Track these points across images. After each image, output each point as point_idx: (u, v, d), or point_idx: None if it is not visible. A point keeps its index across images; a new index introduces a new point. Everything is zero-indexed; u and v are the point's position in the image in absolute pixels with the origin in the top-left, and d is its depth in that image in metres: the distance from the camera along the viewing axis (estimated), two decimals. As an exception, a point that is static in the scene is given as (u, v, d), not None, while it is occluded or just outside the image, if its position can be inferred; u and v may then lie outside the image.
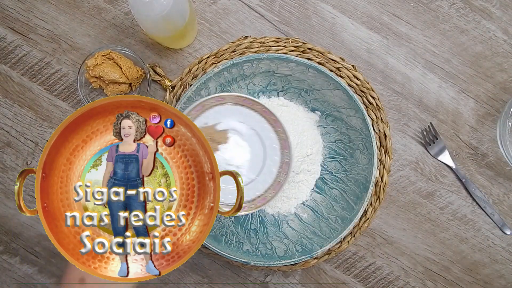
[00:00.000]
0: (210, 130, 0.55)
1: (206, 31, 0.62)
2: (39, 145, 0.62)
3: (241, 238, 0.59)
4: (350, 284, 0.62)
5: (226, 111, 0.55)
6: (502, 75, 0.62)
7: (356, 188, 0.58)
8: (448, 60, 0.62)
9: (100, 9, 0.62)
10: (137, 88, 0.61)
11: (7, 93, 0.62)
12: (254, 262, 0.55)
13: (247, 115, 0.56)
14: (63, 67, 0.62)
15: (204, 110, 0.55)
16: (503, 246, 0.61)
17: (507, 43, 0.61)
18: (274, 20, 0.62)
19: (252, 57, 0.55)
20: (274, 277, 0.62)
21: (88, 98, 0.60)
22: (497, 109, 0.61)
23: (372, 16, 0.62)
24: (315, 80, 0.57)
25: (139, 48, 0.62)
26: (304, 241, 0.58)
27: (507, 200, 0.61)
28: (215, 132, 0.56)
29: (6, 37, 0.61)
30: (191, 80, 0.60)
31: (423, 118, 0.62)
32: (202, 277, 0.62)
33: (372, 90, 0.60)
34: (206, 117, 0.56)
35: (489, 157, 0.62)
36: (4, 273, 0.62)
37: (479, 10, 0.61)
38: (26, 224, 0.62)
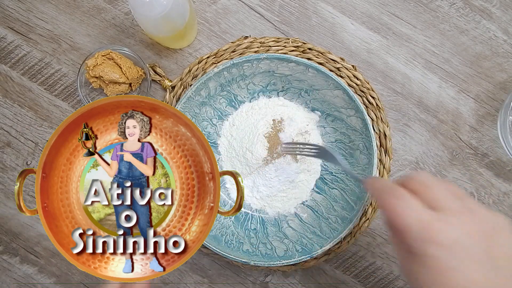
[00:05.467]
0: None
1: (206, 31, 0.62)
2: (39, 145, 0.62)
3: (241, 238, 0.59)
4: (350, 284, 0.62)
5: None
6: (502, 75, 0.62)
7: (356, 188, 0.58)
8: (448, 60, 0.62)
9: (100, 9, 0.62)
10: (137, 88, 0.61)
11: (7, 93, 0.62)
12: (254, 262, 0.55)
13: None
14: (63, 67, 0.62)
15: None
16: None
17: (507, 43, 0.61)
18: (274, 20, 0.62)
19: (252, 57, 0.55)
20: (274, 277, 0.62)
21: (88, 98, 0.60)
22: (497, 109, 0.61)
23: (372, 16, 0.62)
24: (315, 80, 0.57)
25: (139, 48, 0.62)
26: (304, 241, 0.58)
27: (507, 200, 0.61)
28: None
29: (6, 37, 0.61)
30: (191, 80, 0.60)
31: (423, 118, 0.62)
32: (202, 277, 0.62)
33: (372, 90, 0.60)
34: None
35: (489, 157, 0.62)
36: (4, 273, 0.62)
37: (479, 10, 0.61)
38: (26, 224, 0.62)
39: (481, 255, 0.34)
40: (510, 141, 0.58)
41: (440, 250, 0.34)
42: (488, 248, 0.35)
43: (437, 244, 0.34)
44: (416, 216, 0.35)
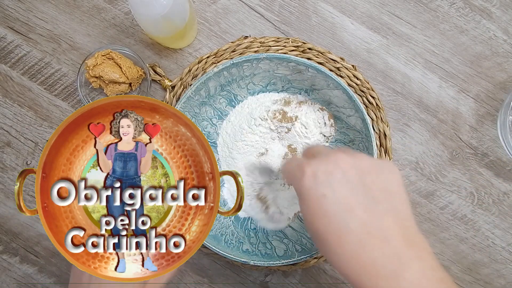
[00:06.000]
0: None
1: (206, 31, 0.62)
2: (39, 145, 0.62)
3: (240, 238, 0.59)
4: (350, 284, 0.62)
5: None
6: (502, 75, 0.62)
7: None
8: (448, 60, 0.62)
9: (100, 9, 0.62)
10: (137, 88, 0.61)
11: (7, 93, 0.62)
12: (254, 262, 0.55)
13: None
14: (63, 67, 0.61)
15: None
16: (503, 246, 0.61)
17: (507, 43, 0.61)
18: (274, 20, 0.62)
19: (252, 57, 0.55)
20: (274, 277, 0.62)
21: (88, 98, 0.60)
22: (497, 108, 0.61)
23: (372, 16, 0.62)
24: (315, 80, 0.57)
25: (139, 48, 0.62)
26: (304, 240, 0.58)
27: (507, 200, 0.61)
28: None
29: (6, 37, 0.61)
30: (191, 80, 0.60)
31: (423, 118, 0.62)
32: (202, 277, 0.62)
33: (372, 90, 0.60)
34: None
35: (489, 156, 0.62)
36: (4, 273, 0.62)
37: (479, 10, 0.61)
38: (26, 224, 0.62)
39: (354, 184, 0.36)
40: (510, 141, 0.58)
41: (311, 181, 0.36)
42: (363, 180, 0.36)
43: (308, 176, 0.36)
44: (296, 162, 0.39)
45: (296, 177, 0.38)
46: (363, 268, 0.34)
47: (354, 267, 0.35)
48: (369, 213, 0.35)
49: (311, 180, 0.36)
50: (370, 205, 0.35)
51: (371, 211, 0.35)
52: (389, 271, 0.33)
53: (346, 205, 0.35)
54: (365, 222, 0.35)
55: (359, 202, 0.35)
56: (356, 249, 0.34)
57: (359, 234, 0.34)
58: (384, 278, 0.34)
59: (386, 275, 0.34)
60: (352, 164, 0.37)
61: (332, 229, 0.35)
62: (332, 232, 0.35)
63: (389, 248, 0.34)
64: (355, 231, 0.34)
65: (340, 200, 0.35)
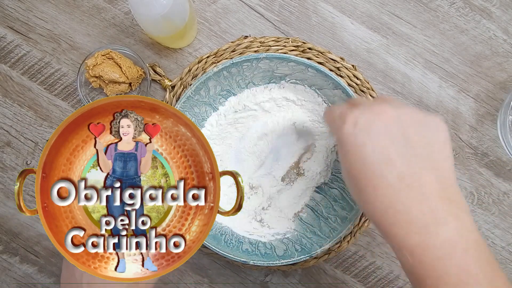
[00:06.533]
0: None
1: (206, 30, 0.62)
2: (39, 145, 0.62)
3: (240, 238, 0.59)
4: (350, 284, 0.62)
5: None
6: (502, 75, 0.62)
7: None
8: (448, 59, 0.62)
9: (100, 9, 0.62)
10: (137, 87, 0.61)
11: (7, 92, 0.62)
12: (253, 262, 0.55)
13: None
14: (63, 67, 0.61)
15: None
16: (503, 246, 0.61)
17: (507, 42, 0.61)
18: (274, 20, 0.62)
19: (251, 56, 0.55)
20: (274, 276, 0.62)
21: (88, 97, 0.60)
22: (497, 108, 0.61)
23: (372, 15, 0.62)
24: (315, 79, 0.57)
25: (139, 47, 0.62)
26: (303, 240, 0.58)
27: (507, 199, 0.61)
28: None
29: (6, 37, 0.61)
30: (191, 79, 0.60)
31: (423, 117, 0.62)
32: (202, 277, 0.62)
33: (372, 89, 0.60)
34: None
35: (489, 156, 0.62)
36: (4, 272, 0.62)
37: (479, 9, 0.61)
38: (26, 224, 0.62)
39: (396, 136, 0.36)
40: (510, 141, 0.58)
41: (351, 128, 0.36)
42: (406, 133, 0.36)
43: (350, 123, 0.36)
44: (339, 110, 0.39)
45: (337, 124, 0.37)
46: (397, 218, 0.34)
47: (388, 217, 0.34)
48: (408, 166, 0.34)
49: (351, 128, 0.36)
50: (410, 159, 0.35)
51: (410, 165, 0.35)
52: (423, 226, 0.33)
53: (385, 156, 0.35)
54: (403, 176, 0.34)
55: (398, 154, 0.35)
56: (392, 201, 0.34)
57: (396, 186, 0.34)
58: (417, 231, 0.33)
59: (419, 228, 0.33)
60: (395, 117, 0.36)
61: (369, 179, 0.35)
62: (368, 183, 0.35)
63: (426, 203, 0.34)
64: (392, 184, 0.34)
65: (380, 151, 0.35)
